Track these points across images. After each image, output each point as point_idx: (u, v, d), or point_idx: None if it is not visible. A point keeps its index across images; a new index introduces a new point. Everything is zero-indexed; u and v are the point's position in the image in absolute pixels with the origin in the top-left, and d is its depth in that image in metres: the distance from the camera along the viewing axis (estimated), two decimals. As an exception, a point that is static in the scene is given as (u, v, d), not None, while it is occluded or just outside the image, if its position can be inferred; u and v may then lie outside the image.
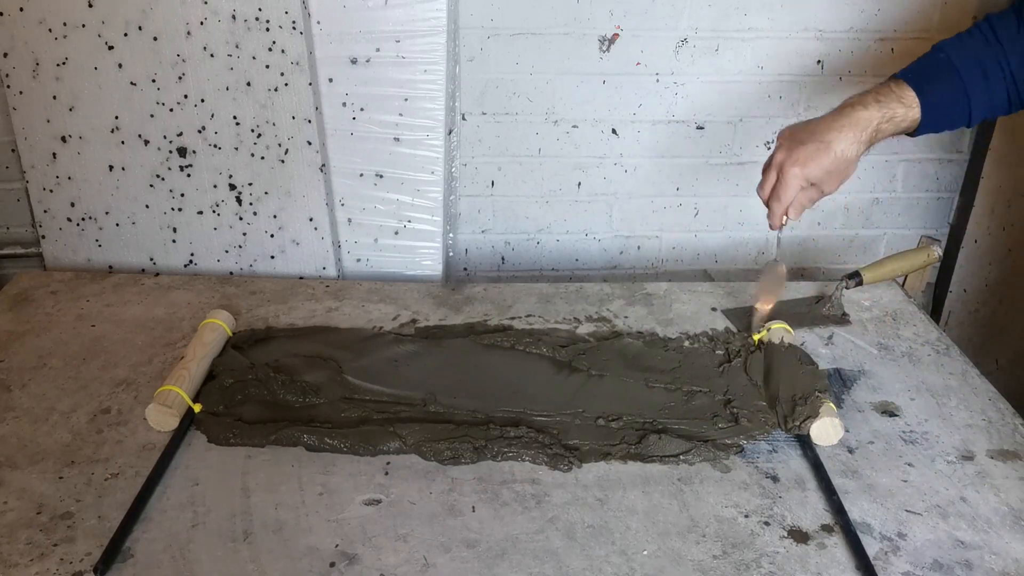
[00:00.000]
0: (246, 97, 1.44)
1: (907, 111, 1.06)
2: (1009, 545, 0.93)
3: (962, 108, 1.07)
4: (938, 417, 1.13)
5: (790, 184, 1.06)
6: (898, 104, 1.06)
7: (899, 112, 1.06)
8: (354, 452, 1.03)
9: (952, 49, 1.08)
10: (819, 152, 1.05)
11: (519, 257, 1.75)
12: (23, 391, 1.14)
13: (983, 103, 1.07)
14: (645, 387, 1.16)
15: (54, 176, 1.48)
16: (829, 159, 1.05)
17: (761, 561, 0.90)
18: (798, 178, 1.06)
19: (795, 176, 1.06)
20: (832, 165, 1.05)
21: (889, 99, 1.07)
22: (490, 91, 1.59)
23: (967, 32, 1.10)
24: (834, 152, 1.04)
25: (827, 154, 1.05)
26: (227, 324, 1.24)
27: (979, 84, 1.06)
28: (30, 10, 1.38)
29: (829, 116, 1.07)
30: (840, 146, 1.04)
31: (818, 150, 1.05)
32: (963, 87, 1.06)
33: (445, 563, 0.89)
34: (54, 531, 0.91)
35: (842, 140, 1.04)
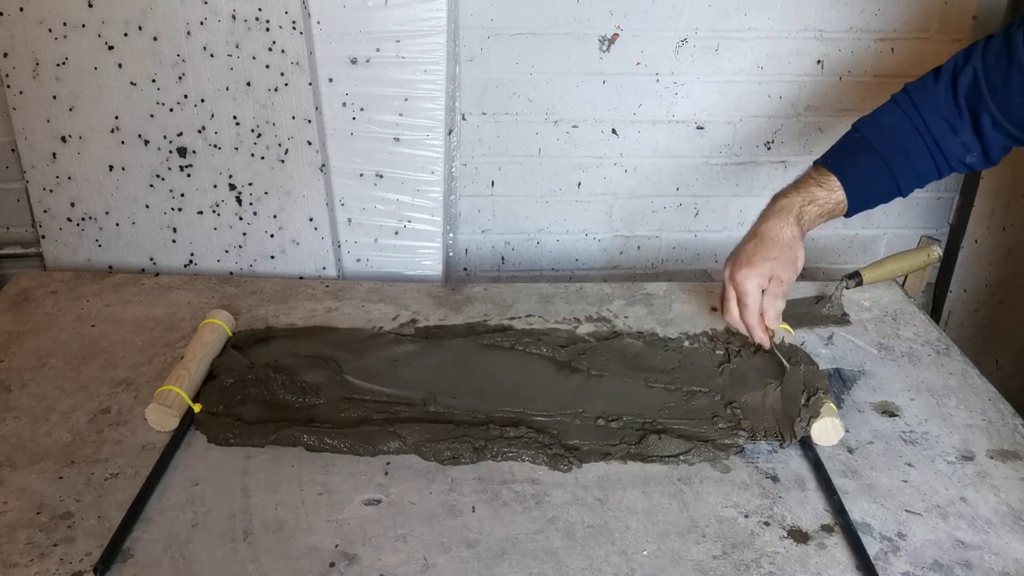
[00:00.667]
0: (246, 97, 1.44)
1: (828, 193, 1.09)
2: (1009, 545, 0.93)
3: (888, 184, 1.09)
4: (938, 417, 1.13)
5: (749, 289, 1.06)
6: (816, 188, 1.09)
7: (819, 195, 1.09)
8: (354, 452, 1.03)
9: (868, 128, 1.10)
10: (757, 246, 1.07)
11: (519, 257, 1.75)
12: (23, 391, 1.14)
13: (909, 176, 1.09)
14: (645, 387, 1.16)
15: (54, 176, 1.48)
16: (768, 247, 1.07)
17: (761, 561, 0.90)
18: (751, 279, 1.06)
19: (748, 278, 1.06)
20: (774, 251, 1.06)
21: (808, 184, 1.10)
22: (490, 91, 1.59)
23: (885, 107, 1.11)
24: (768, 239, 1.07)
25: (764, 244, 1.07)
26: (227, 324, 1.24)
27: (899, 159, 1.07)
28: (30, 10, 1.38)
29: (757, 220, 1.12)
30: (771, 232, 1.08)
31: (756, 246, 1.08)
32: (884, 164, 1.08)
33: (445, 563, 0.89)
34: (54, 531, 0.91)
35: (770, 227, 1.08)
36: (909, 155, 1.07)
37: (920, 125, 1.06)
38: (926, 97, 1.06)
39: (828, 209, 1.09)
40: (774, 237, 1.07)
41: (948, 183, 1.75)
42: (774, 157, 1.69)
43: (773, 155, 1.69)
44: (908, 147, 1.07)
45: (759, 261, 1.06)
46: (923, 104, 1.06)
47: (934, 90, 1.06)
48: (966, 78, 1.04)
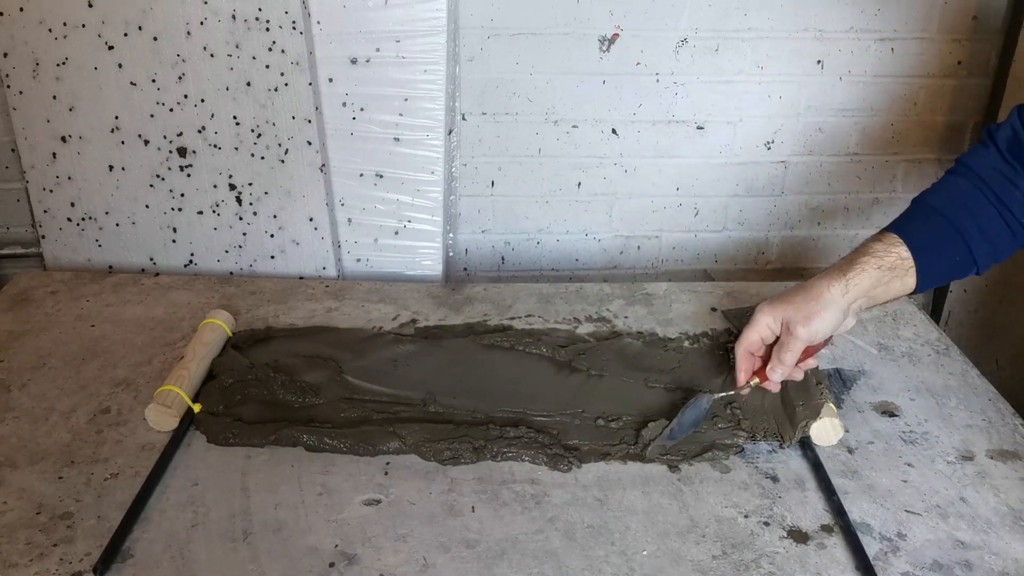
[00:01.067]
0: (246, 97, 1.44)
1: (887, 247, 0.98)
2: (1009, 545, 0.93)
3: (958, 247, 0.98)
4: (938, 417, 1.13)
5: (757, 320, 1.00)
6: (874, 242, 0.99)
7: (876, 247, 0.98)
8: (354, 452, 1.03)
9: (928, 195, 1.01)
10: (791, 290, 1.00)
11: (519, 257, 1.75)
12: (23, 391, 1.14)
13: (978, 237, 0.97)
14: (645, 387, 1.16)
15: (54, 176, 1.48)
16: (796, 292, 0.99)
17: (761, 561, 0.90)
18: (765, 314, 1.00)
19: (762, 312, 1.00)
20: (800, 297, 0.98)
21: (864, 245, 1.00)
22: (490, 91, 1.59)
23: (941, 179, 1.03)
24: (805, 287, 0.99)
25: (797, 289, 1.00)
26: (227, 324, 1.24)
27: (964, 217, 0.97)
28: (30, 10, 1.38)
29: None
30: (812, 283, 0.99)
31: (794, 290, 1.00)
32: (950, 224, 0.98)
33: (445, 563, 0.89)
34: (54, 531, 0.91)
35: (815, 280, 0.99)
36: (974, 213, 0.97)
37: (979, 183, 0.98)
38: (978, 157, 1.00)
39: (888, 263, 0.96)
40: (809, 285, 0.98)
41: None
42: (774, 157, 1.69)
43: (773, 155, 1.69)
44: (974, 207, 0.97)
45: (780, 302, 0.99)
46: (976, 164, 1.00)
47: (983, 150, 1.01)
48: (1003, 134, 0.99)
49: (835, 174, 1.73)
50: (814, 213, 1.76)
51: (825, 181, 1.73)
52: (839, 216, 1.76)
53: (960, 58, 1.63)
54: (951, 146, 1.71)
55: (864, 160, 1.72)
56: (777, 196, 1.73)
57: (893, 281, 0.97)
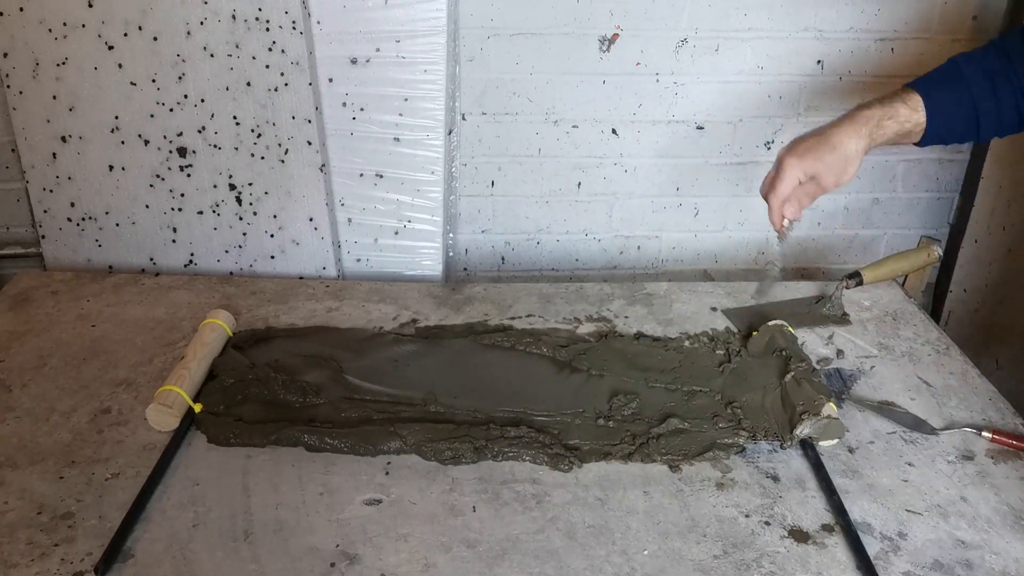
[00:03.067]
0: (246, 97, 1.44)
1: (911, 112, 1.06)
2: (1009, 545, 0.93)
3: (969, 117, 1.07)
4: (938, 417, 1.13)
5: (787, 175, 1.06)
6: (901, 104, 1.06)
7: (902, 112, 1.06)
8: (354, 452, 1.03)
9: (963, 60, 1.08)
10: (817, 144, 1.06)
11: (519, 257, 1.75)
12: (23, 391, 1.14)
13: (991, 115, 1.06)
14: (645, 387, 1.16)
15: (54, 176, 1.48)
16: (827, 150, 1.05)
17: (762, 561, 0.90)
18: (795, 168, 1.06)
19: (791, 166, 1.06)
20: (830, 156, 1.05)
21: (893, 100, 1.07)
22: (490, 91, 1.59)
23: (981, 48, 1.09)
24: (832, 143, 1.05)
25: (825, 145, 1.05)
26: (227, 324, 1.24)
27: (987, 95, 1.05)
28: (30, 10, 1.38)
29: (835, 120, 1.08)
30: (838, 138, 1.05)
31: (817, 142, 1.06)
32: (971, 96, 1.06)
33: (446, 563, 0.89)
34: (55, 531, 0.91)
35: (840, 133, 1.05)
36: (998, 93, 1.05)
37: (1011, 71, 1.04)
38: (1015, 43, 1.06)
39: (907, 129, 1.06)
40: (837, 143, 1.05)
41: (948, 183, 1.75)
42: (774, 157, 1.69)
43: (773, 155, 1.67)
44: (999, 86, 1.05)
45: (811, 158, 1.05)
46: (1013, 49, 1.05)
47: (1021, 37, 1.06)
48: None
49: (835, 174, 1.72)
50: (814, 213, 1.76)
51: (825, 181, 1.73)
52: (839, 216, 1.77)
53: (960, 58, 1.63)
54: (951, 146, 1.71)
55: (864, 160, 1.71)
56: (777, 196, 1.73)
57: (900, 141, 1.07)
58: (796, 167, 1.06)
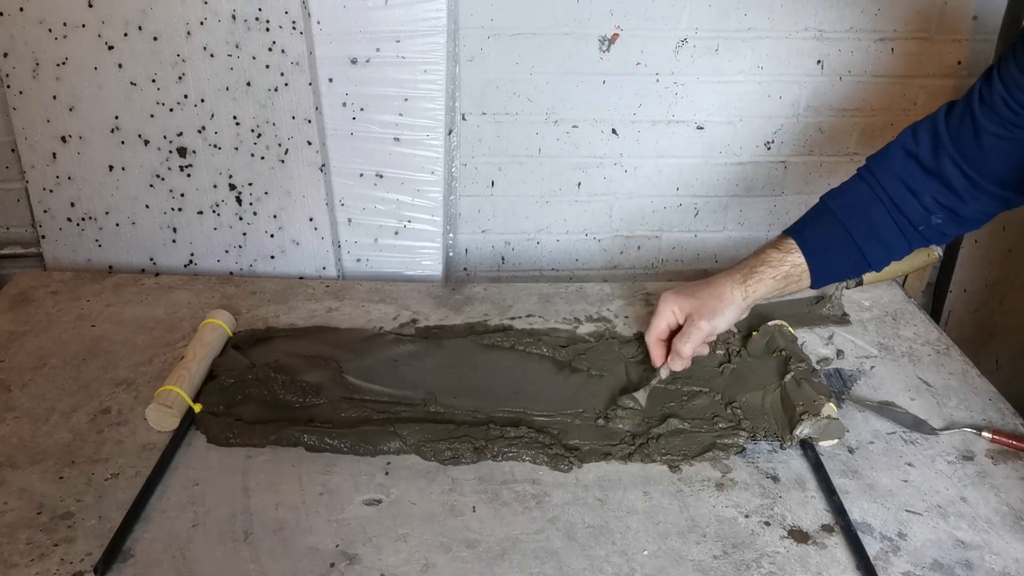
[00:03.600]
0: (246, 97, 1.44)
1: (783, 255, 1.06)
2: (1009, 545, 0.93)
3: (853, 254, 1.06)
4: (938, 417, 1.13)
5: (661, 310, 1.10)
6: (772, 249, 1.08)
7: (773, 255, 1.07)
8: (354, 452, 1.03)
9: (831, 198, 1.08)
10: (695, 284, 1.10)
11: (519, 257, 1.75)
12: (23, 391, 1.14)
13: (875, 247, 1.05)
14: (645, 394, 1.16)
15: (54, 176, 1.48)
16: (701, 286, 1.09)
17: (761, 561, 0.90)
18: (669, 302, 1.09)
19: (665, 301, 1.10)
20: (703, 292, 1.08)
21: (765, 247, 1.09)
22: (490, 91, 1.59)
23: (850, 179, 1.09)
24: (708, 282, 1.09)
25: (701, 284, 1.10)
26: (227, 324, 1.24)
27: (862, 227, 1.04)
28: (30, 10, 1.38)
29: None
30: (715, 280, 1.09)
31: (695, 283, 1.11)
32: (847, 233, 1.05)
33: (445, 563, 0.89)
34: (54, 531, 0.91)
35: (717, 278, 1.09)
36: (873, 224, 1.04)
37: (880, 191, 1.03)
38: (881, 161, 1.05)
39: (785, 272, 1.06)
40: (714, 284, 1.08)
41: (948, 183, 1.75)
42: (774, 157, 1.69)
43: (773, 155, 1.69)
44: (871, 215, 1.04)
45: (685, 294, 1.09)
46: (879, 169, 1.04)
47: (889, 153, 1.05)
48: (924, 135, 1.02)
49: (835, 174, 1.73)
50: (814, 213, 1.76)
51: (825, 181, 1.73)
52: (839, 216, 1.76)
53: (960, 58, 1.63)
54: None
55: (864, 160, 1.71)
56: (777, 196, 1.73)
57: (789, 285, 1.07)
58: (670, 300, 1.09)
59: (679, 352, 1.08)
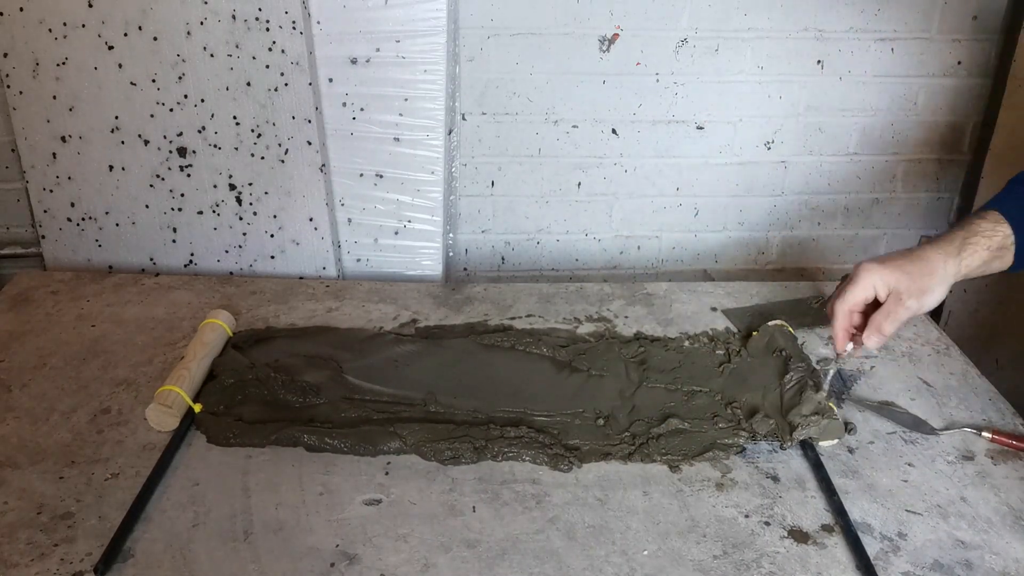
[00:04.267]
0: (246, 97, 1.44)
1: (993, 225, 0.99)
2: (1009, 545, 0.93)
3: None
4: (938, 417, 1.13)
5: (862, 280, 0.99)
6: (980, 220, 1.00)
7: (983, 226, 0.99)
8: (354, 452, 1.03)
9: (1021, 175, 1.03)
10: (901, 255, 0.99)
11: (519, 257, 1.75)
12: (23, 391, 1.14)
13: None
14: (645, 387, 1.16)
15: (54, 176, 1.48)
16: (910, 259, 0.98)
17: (761, 561, 0.90)
18: (872, 273, 0.98)
19: (869, 271, 0.98)
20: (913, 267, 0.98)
21: (968, 221, 1.01)
22: (490, 91, 1.59)
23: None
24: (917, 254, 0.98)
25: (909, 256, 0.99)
26: (227, 324, 1.24)
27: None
28: (30, 10, 1.38)
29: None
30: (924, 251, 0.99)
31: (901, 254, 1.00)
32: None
33: (445, 563, 0.89)
34: (54, 531, 0.91)
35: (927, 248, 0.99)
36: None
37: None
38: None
39: (997, 244, 0.97)
40: (923, 257, 0.97)
41: (948, 183, 1.75)
42: (774, 157, 1.70)
43: (773, 155, 1.69)
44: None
45: (891, 267, 0.97)
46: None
47: None
48: None
49: (835, 174, 1.73)
50: (814, 213, 1.76)
51: (825, 181, 1.73)
52: (839, 216, 1.77)
53: (960, 58, 1.63)
54: (951, 146, 1.72)
55: (864, 160, 1.72)
56: (777, 196, 1.73)
57: (996, 260, 0.98)
58: (874, 272, 0.97)
59: (880, 330, 0.97)
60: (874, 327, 0.98)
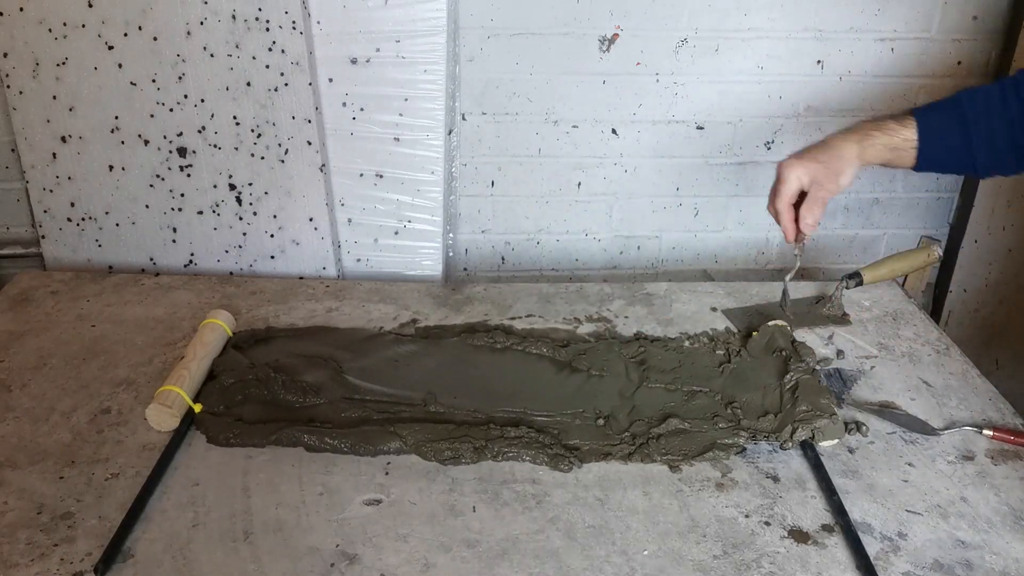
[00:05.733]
0: (246, 97, 1.44)
1: (899, 128, 1.09)
2: (1009, 545, 0.93)
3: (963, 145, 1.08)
4: (938, 417, 1.13)
5: (789, 176, 1.10)
6: (891, 120, 1.11)
7: (891, 125, 1.10)
8: (354, 452, 1.03)
9: (964, 93, 1.10)
10: (812, 147, 1.11)
11: (519, 257, 1.75)
12: (23, 391, 1.14)
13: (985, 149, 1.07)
14: (645, 387, 1.16)
15: (54, 176, 1.48)
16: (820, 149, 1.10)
17: (761, 561, 0.90)
18: (794, 168, 1.09)
19: (790, 167, 1.10)
20: (824, 155, 1.09)
21: (885, 117, 1.12)
22: (490, 91, 1.59)
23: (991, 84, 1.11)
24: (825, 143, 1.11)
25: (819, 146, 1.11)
26: (227, 324, 1.24)
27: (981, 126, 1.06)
28: (30, 10, 1.38)
29: None
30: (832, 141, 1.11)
31: (812, 146, 1.12)
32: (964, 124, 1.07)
33: (445, 563, 0.89)
34: (54, 531, 0.91)
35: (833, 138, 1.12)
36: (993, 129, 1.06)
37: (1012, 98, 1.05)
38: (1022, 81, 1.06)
39: (896, 144, 1.09)
40: (832, 145, 1.10)
41: (948, 183, 1.75)
42: (774, 157, 1.69)
43: (773, 155, 1.69)
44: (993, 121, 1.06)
45: (807, 158, 1.10)
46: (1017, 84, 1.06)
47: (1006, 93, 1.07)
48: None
49: (835, 174, 1.72)
50: (814, 213, 1.75)
51: (825, 181, 1.73)
52: (839, 216, 1.77)
53: (960, 58, 1.63)
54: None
55: (864, 162, 1.71)
56: (777, 196, 1.73)
57: (896, 158, 1.11)
58: (795, 166, 1.10)
59: (812, 212, 1.10)
60: (807, 212, 1.10)
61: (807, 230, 1.12)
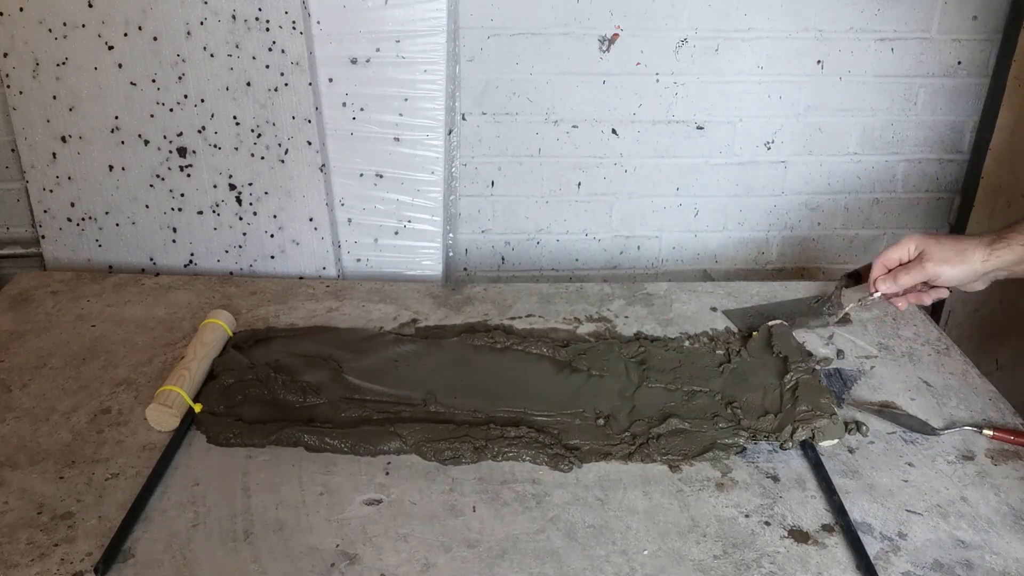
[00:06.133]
0: (246, 97, 1.44)
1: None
2: (1009, 545, 0.93)
3: None
4: (938, 417, 1.13)
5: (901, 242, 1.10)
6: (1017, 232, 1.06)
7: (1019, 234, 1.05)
8: (354, 452, 1.03)
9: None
10: (942, 234, 1.10)
11: (519, 257, 1.75)
12: (23, 391, 1.14)
13: None
14: (645, 387, 1.16)
15: (54, 176, 1.48)
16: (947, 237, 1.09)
17: (762, 561, 0.90)
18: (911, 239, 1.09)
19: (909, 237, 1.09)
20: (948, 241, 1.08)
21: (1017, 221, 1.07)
22: (490, 91, 1.59)
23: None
24: (955, 237, 1.09)
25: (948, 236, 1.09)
26: (227, 324, 1.24)
27: None
28: (30, 10, 1.38)
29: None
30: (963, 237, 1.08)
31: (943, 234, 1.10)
32: None
33: (446, 563, 0.89)
34: (54, 531, 0.91)
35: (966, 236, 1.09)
36: None
37: None
38: None
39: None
40: (961, 239, 1.08)
41: (948, 183, 1.75)
42: (774, 157, 1.70)
43: (773, 155, 1.69)
44: None
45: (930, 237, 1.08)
46: None
47: None
48: None
49: (835, 174, 1.73)
50: (814, 213, 1.76)
51: (825, 181, 1.73)
52: (839, 216, 1.77)
53: (960, 58, 1.63)
54: (950, 146, 1.72)
55: (864, 160, 1.72)
56: (777, 196, 1.73)
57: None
58: (914, 237, 1.09)
59: (896, 278, 1.09)
60: (891, 275, 1.10)
61: (882, 287, 1.11)
